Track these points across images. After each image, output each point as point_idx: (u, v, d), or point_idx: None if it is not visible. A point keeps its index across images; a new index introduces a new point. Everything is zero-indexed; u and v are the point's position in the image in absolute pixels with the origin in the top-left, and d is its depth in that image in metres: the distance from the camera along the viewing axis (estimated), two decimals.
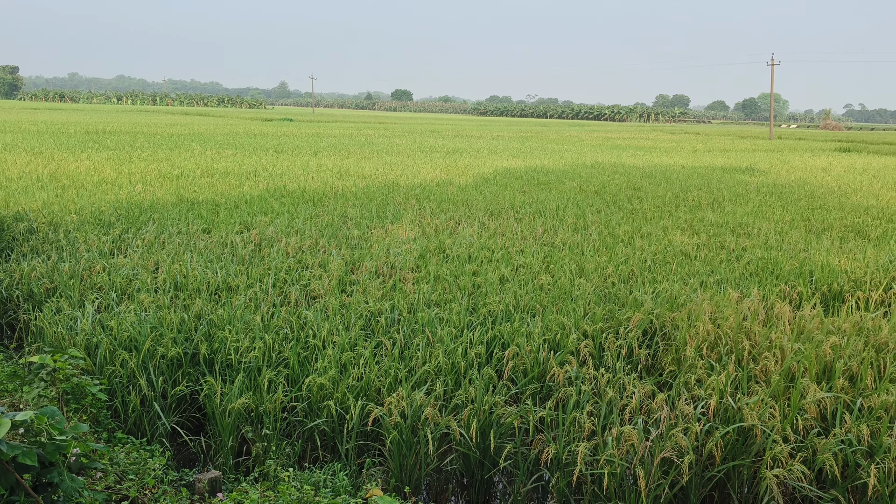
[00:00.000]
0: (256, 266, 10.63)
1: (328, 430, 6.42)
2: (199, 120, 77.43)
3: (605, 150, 44.06)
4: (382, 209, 16.49)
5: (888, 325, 8.01)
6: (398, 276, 10.25)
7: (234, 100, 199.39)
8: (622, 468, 5.48)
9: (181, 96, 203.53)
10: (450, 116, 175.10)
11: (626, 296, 9.44)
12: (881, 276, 10.98)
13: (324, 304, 8.82)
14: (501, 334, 7.85)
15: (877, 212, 18.40)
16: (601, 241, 13.36)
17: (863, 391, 6.54)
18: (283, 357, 7.30)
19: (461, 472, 6.27)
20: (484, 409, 6.13)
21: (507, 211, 16.77)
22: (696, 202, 19.58)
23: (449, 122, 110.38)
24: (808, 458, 5.62)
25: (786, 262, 11.78)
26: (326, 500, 5.08)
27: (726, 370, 6.73)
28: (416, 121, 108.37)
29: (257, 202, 16.80)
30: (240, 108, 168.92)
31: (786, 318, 8.34)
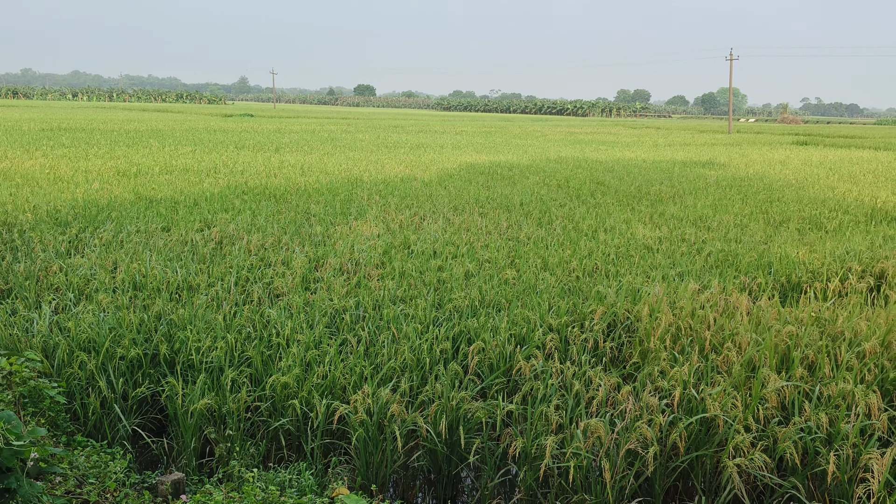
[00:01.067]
0: (218, 264, 10.49)
1: (293, 429, 6.36)
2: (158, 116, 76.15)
3: (569, 145, 44.37)
4: (346, 205, 16.39)
5: (843, 314, 8.19)
6: (363, 272, 10.19)
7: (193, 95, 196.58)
8: (588, 461, 5.51)
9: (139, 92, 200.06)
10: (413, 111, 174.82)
11: (590, 289, 9.52)
12: (838, 267, 11.22)
13: (287, 301, 8.73)
14: (467, 329, 7.85)
15: (833, 204, 18.81)
16: (565, 236, 13.45)
17: (821, 379, 6.68)
18: (246, 356, 7.21)
19: (428, 469, 6.26)
20: (451, 404, 6.13)
21: (471, 206, 16.79)
22: (657, 196, 19.82)
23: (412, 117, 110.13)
24: (769, 446, 5.72)
25: (745, 254, 11.97)
26: (292, 500, 5.03)
27: (689, 361, 6.82)
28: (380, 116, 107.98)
29: (218, 199, 16.57)
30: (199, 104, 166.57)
31: (743, 309, 8.48)
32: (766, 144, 51.00)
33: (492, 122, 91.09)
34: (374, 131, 56.12)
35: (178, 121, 63.08)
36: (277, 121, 73.39)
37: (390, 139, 44.77)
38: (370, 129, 59.23)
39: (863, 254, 12.19)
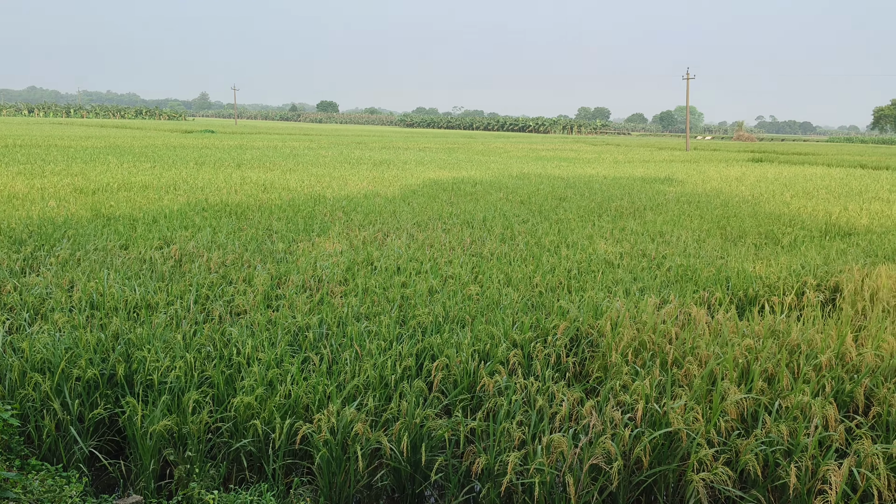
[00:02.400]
0: (177, 282, 10.33)
1: (254, 449, 6.25)
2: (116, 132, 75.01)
3: (531, 161, 44.74)
4: (309, 222, 16.28)
5: (797, 327, 8.35)
6: (326, 289, 10.12)
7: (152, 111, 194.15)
8: (552, 476, 5.52)
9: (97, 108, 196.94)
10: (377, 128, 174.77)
11: (553, 304, 9.57)
12: (793, 281, 11.45)
13: (249, 319, 8.62)
14: (431, 346, 7.83)
15: (788, 219, 19.23)
16: (528, 251, 13.52)
17: (780, 392, 6.79)
18: (206, 376, 7.09)
19: (392, 488, 6.21)
20: (415, 422, 6.09)
21: (435, 222, 16.80)
22: (618, 212, 20.06)
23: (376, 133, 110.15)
24: (731, 459, 5.79)
25: (704, 268, 12.16)
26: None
27: (651, 375, 6.88)
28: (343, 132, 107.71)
29: (178, 216, 16.34)
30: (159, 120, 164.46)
31: (702, 323, 8.60)
32: (723, 161, 52.02)
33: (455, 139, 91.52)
34: (337, 147, 55.98)
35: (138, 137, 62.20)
36: (239, 137, 72.79)
37: (353, 155, 44.69)
38: (333, 146, 59.07)
39: (818, 268, 12.46)
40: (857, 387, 6.83)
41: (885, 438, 6.10)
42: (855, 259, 13.44)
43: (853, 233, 17.41)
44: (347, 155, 45.09)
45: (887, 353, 7.65)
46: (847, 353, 7.68)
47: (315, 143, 64.18)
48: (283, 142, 63.38)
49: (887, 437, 6.11)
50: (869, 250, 14.62)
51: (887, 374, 7.27)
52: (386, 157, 43.59)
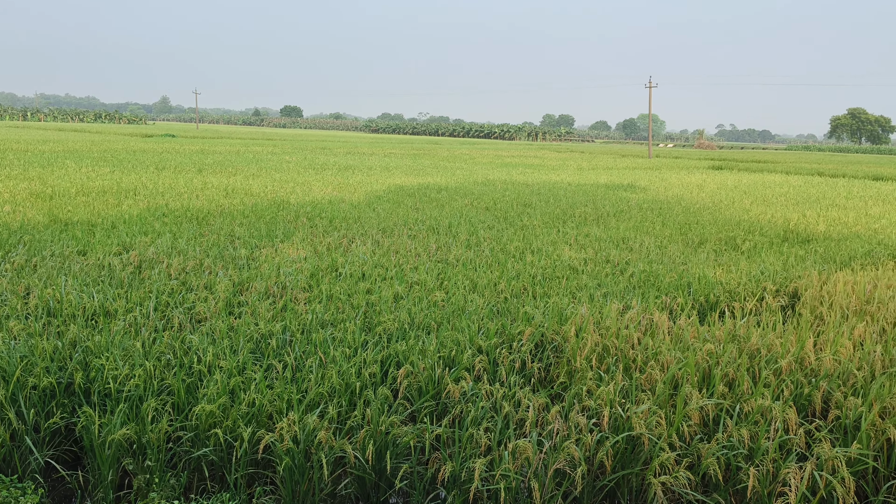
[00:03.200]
0: (137, 289, 10.14)
1: (216, 459, 6.15)
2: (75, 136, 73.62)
3: (496, 168, 44.93)
4: (272, 228, 16.13)
5: (757, 332, 8.48)
6: (289, 296, 10.01)
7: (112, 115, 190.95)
8: (517, 482, 5.51)
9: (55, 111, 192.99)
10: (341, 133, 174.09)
11: (518, 310, 9.59)
12: (753, 287, 11.64)
13: (210, 327, 8.49)
14: (396, 353, 7.78)
15: (748, 225, 19.57)
16: (493, 257, 13.55)
17: (741, 396, 6.88)
18: (166, 384, 6.96)
19: (356, 496, 6.15)
20: (380, 429, 6.04)
21: (400, 228, 16.76)
22: (582, 218, 20.22)
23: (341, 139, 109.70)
24: (693, 463, 5.85)
25: (666, 274, 12.31)
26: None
27: (615, 380, 6.93)
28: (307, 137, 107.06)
29: (137, 222, 16.07)
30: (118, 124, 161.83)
31: (664, 328, 8.69)
32: (684, 169, 52.81)
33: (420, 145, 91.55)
34: (302, 152, 55.61)
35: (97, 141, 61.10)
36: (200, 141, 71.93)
37: (318, 161, 44.43)
38: (297, 151, 58.67)
39: (777, 274, 12.69)
40: (815, 391, 6.96)
41: (843, 441, 6.21)
42: (813, 265, 13.72)
43: (811, 239, 17.79)
44: (312, 160, 44.81)
45: (845, 357, 7.81)
46: (806, 358, 7.82)
47: (279, 148, 63.68)
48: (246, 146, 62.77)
49: (845, 440, 6.23)
50: (827, 256, 14.94)
51: (845, 378, 7.42)
52: (351, 163, 43.42)
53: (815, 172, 51.77)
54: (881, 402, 6.49)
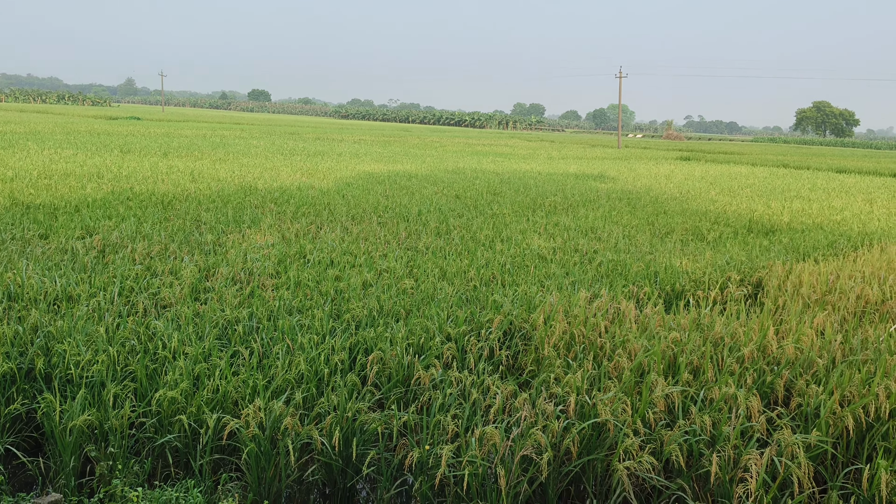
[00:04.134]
0: (100, 274, 9.97)
1: (180, 445, 6.08)
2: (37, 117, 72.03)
3: (467, 156, 44.91)
4: (239, 213, 15.95)
5: (721, 321, 8.60)
6: (256, 282, 9.92)
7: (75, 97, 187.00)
8: (484, 468, 5.54)
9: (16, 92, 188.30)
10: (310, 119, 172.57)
11: (487, 298, 9.61)
12: (718, 276, 11.80)
13: (175, 313, 8.39)
14: (365, 340, 7.76)
15: (713, 216, 19.82)
16: (463, 246, 13.56)
17: (705, 384, 6.98)
18: (129, 370, 6.86)
19: (323, 482, 6.13)
20: (347, 416, 6.02)
21: (370, 215, 16.69)
22: (552, 207, 20.31)
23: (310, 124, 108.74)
24: (656, 449, 5.92)
25: (633, 263, 12.42)
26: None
27: (582, 368, 6.98)
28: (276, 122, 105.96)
29: (101, 206, 15.78)
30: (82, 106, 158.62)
31: (631, 317, 8.78)
32: (653, 159, 53.28)
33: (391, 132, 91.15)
34: (270, 137, 55.04)
35: (59, 123, 59.84)
36: (166, 124, 70.84)
37: (286, 146, 44.01)
38: (265, 136, 58.05)
39: (741, 264, 12.88)
40: (777, 378, 7.08)
41: (804, 428, 6.34)
42: (777, 255, 13.95)
43: (776, 230, 18.07)
44: (280, 145, 44.37)
45: (807, 346, 7.95)
46: (769, 346, 7.95)
47: (246, 132, 62.94)
48: (213, 130, 61.94)
49: (806, 427, 6.35)
50: (790, 247, 15.20)
51: (806, 367, 7.56)
52: (320, 149, 43.08)
53: (781, 164, 52.58)
54: (841, 391, 6.63)
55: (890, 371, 7.06)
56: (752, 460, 5.37)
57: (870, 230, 18.13)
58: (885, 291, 10.86)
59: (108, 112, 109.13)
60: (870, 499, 5.30)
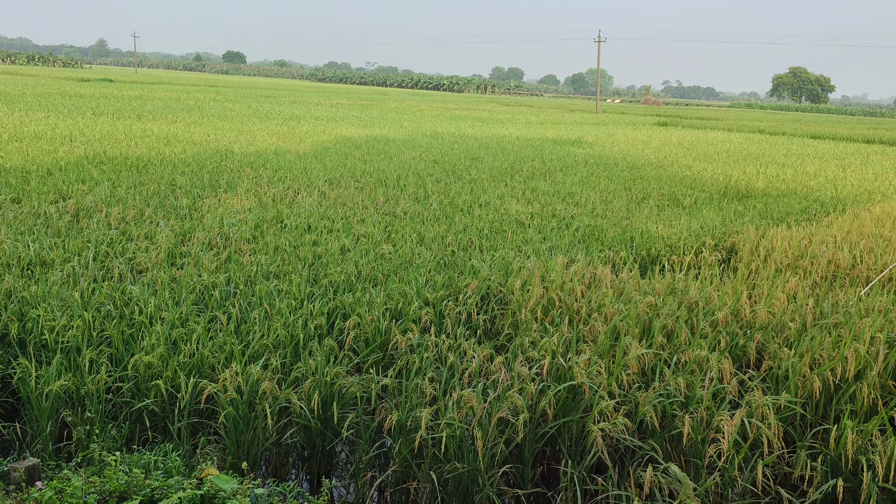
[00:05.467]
0: (74, 238, 9.85)
1: (158, 409, 6.10)
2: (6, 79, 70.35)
3: (445, 121, 44.64)
4: (215, 177, 15.78)
5: (695, 285, 8.72)
6: (234, 247, 9.87)
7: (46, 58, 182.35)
8: (462, 430, 5.61)
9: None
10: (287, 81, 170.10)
11: (465, 263, 9.65)
12: (693, 241, 11.92)
13: (151, 277, 8.33)
14: (343, 304, 7.77)
15: (689, 181, 19.94)
16: (441, 211, 13.55)
17: (678, 347, 7.09)
18: (105, 336, 6.83)
19: (302, 445, 6.18)
20: (325, 380, 6.06)
21: (347, 180, 16.59)
22: (530, 172, 20.31)
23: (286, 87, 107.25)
24: (630, 411, 6.03)
25: (610, 229, 12.50)
26: (158, 482, 4.82)
27: (559, 332, 7.06)
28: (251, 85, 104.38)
29: (74, 169, 15.53)
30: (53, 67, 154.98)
31: (607, 282, 8.87)
32: (630, 125, 53.32)
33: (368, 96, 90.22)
34: (245, 100, 54.27)
35: (30, 84, 58.52)
36: (139, 87, 69.55)
37: (262, 109, 43.43)
38: (241, 98, 57.21)
39: (716, 229, 13.01)
40: (749, 342, 7.21)
41: (774, 390, 6.48)
42: (751, 221, 14.10)
43: (750, 195, 18.24)
44: (256, 108, 43.79)
45: (779, 310, 8.09)
46: (741, 310, 8.08)
47: (221, 95, 61.97)
48: (188, 93, 60.90)
49: (777, 389, 6.49)
50: (764, 212, 15.36)
51: (778, 330, 7.71)
52: (297, 112, 42.57)
53: (756, 130, 52.86)
54: (811, 354, 6.77)
55: (859, 334, 7.22)
56: (724, 421, 5.48)
57: (843, 196, 18.36)
58: (855, 256, 11.05)
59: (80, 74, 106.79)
60: (836, 458, 5.45)
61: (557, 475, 6.17)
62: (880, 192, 19.45)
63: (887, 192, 19.53)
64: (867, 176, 23.83)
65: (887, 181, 22.41)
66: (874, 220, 14.23)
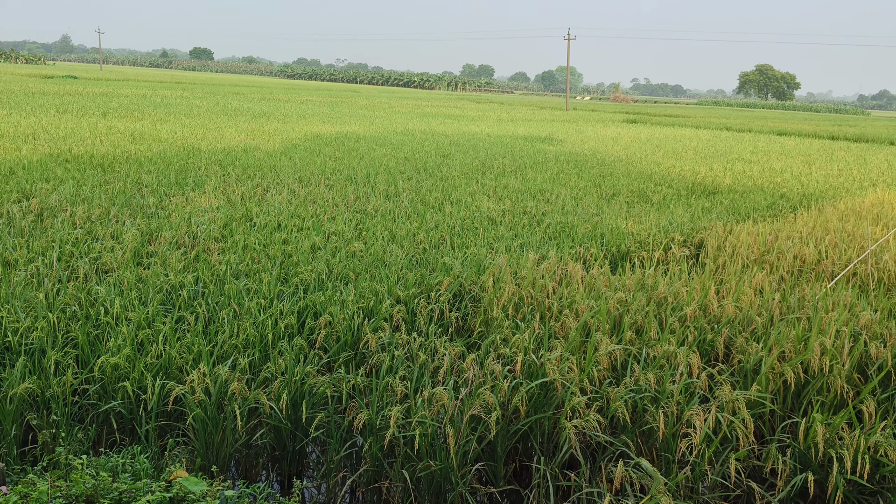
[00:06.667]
0: (38, 238, 9.66)
1: (125, 412, 5.99)
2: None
3: (416, 118, 44.55)
4: (182, 175, 15.58)
5: (665, 281, 8.80)
6: (202, 246, 9.74)
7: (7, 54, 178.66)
8: (433, 428, 5.60)
9: None
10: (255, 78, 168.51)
11: (436, 261, 9.63)
12: (662, 237, 12.03)
13: (117, 278, 8.19)
14: (314, 303, 7.71)
15: (658, 178, 20.13)
16: (412, 208, 13.51)
17: (648, 342, 7.14)
18: (71, 337, 6.70)
19: (272, 446, 6.12)
20: (295, 379, 6.00)
21: (317, 178, 16.47)
22: (501, 170, 20.34)
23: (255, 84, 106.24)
24: (602, 406, 6.06)
25: (580, 225, 12.57)
26: (126, 485, 4.74)
27: (531, 328, 7.07)
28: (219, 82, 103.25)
29: (38, 168, 15.23)
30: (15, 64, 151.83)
31: (578, 278, 8.91)
32: (600, 122, 53.68)
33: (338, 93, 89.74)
34: (213, 97, 53.67)
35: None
36: (104, 84, 68.44)
37: (230, 106, 42.98)
38: (208, 95, 56.56)
39: (684, 225, 13.15)
40: (718, 336, 7.29)
41: (742, 384, 6.55)
42: (718, 217, 14.27)
43: (717, 191, 18.46)
44: (224, 105, 43.31)
45: (746, 304, 8.19)
46: (709, 305, 8.17)
47: (189, 92, 61.22)
48: (154, 90, 60.08)
49: (745, 383, 6.57)
50: (731, 208, 15.55)
51: (746, 325, 7.80)
52: (266, 109, 42.20)
53: (724, 127, 53.53)
54: (779, 347, 6.86)
55: (825, 328, 7.34)
56: (695, 416, 5.53)
57: (808, 191, 18.66)
58: (821, 251, 11.23)
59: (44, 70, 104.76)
60: (805, 450, 5.53)
61: (530, 472, 6.18)
62: (844, 188, 19.80)
63: (851, 188, 19.89)
64: (832, 172, 24.25)
65: (851, 177, 22.83)
66: (839, 216, 14.48)
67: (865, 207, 15.74)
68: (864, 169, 25.77)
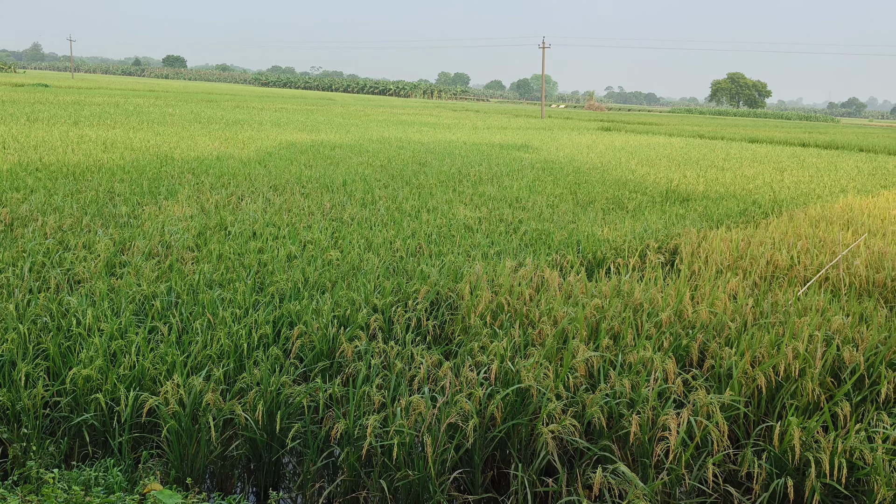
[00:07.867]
0: (8, 249, 9.50)
1: (98, 424, 5.90)
2: None
3: (392, 126, 44.54)
4: (155, 184, 15.43)
5: (640, 287, 8.86)
6: (175, 255, 9.64)
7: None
8: (411, 437, 5.57)
9: None
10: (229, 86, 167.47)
11: (413, 269, 9.61)
12: (637, 244, 12.12)
13: (90, 288, 8.08)
14: (289, 313, 7.66)
15: (633, 185, 20.29)
16: (389, 216, 13.49)
17: (624, 348, 7.18)
18: (42, 348, 6.59)
19: (248, 457, 6.06)
20: (271, 390, 5.95)
21: (293, 186, 16.40)
22: (477, 177, 20.39)
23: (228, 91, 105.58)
24: (578, 412, 6.08)
25: (557, 232, 12.63)
26: (99, 499, 4.67)
27: (508, 336, 7.08)
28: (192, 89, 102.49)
29: (7, 177, 15.00)
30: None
31: (555, 284, 8.94)
32: (575, 129, 54.04)
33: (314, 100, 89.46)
34: (186, 105, 53.25)
35: None
36: (76, 92, 67.64)
37: (204, 114, 42.67)
38: (182, 103, 56.11)
39: (659, 232, 13.26)
40: (692, 342, 7.35)
41: (717, 389, 6.61)
42: (692, 223, 14.41)
43: (691, 198, 18.65)
44: (197, 113, 43.00)
45: (720, 310, 8.27)
46: (684, 311, 8.24)
47: (162, 100, 60.70)
48: (126, 98, 59.48)
49: (719, 387, 6.62)
50: (705, 215, 15.72)
51: (719, 330, 7.87)
52: (240, 117, 41.95)
53: (697, 135, 54.12)
54: (752, 352, 6.93)
55: (798, 332, 7.43)
56: (670, 420, 5.57)
57: (780, 198, 18.91)
58: (793, 257, 11.37)
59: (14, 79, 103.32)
60: (781, 454, 5.58)
61: (508, 479, 6.17)
62: (815, 194, 20.10)
63: (822, 194, 20.19)
64: (803, 178, 24.61)
65: (822, 183, 23.18)
66: (810, 221, 14.69)
67: (836, 213, 16.00)
68: (835, 175, 26.19)
